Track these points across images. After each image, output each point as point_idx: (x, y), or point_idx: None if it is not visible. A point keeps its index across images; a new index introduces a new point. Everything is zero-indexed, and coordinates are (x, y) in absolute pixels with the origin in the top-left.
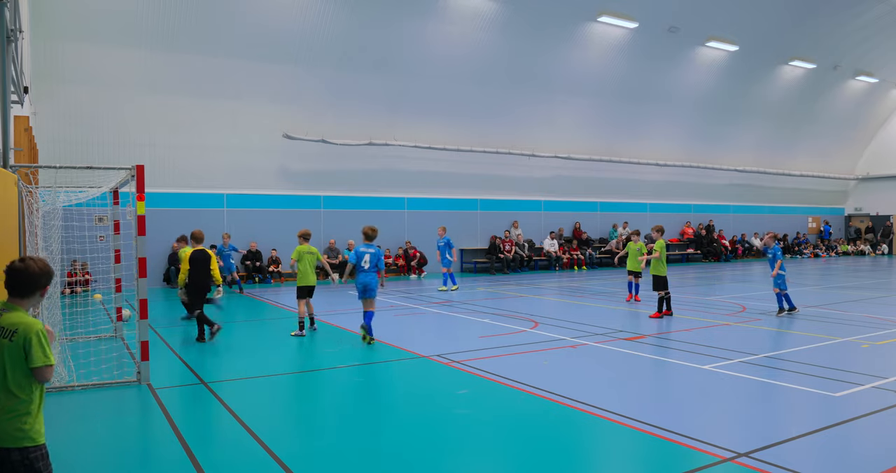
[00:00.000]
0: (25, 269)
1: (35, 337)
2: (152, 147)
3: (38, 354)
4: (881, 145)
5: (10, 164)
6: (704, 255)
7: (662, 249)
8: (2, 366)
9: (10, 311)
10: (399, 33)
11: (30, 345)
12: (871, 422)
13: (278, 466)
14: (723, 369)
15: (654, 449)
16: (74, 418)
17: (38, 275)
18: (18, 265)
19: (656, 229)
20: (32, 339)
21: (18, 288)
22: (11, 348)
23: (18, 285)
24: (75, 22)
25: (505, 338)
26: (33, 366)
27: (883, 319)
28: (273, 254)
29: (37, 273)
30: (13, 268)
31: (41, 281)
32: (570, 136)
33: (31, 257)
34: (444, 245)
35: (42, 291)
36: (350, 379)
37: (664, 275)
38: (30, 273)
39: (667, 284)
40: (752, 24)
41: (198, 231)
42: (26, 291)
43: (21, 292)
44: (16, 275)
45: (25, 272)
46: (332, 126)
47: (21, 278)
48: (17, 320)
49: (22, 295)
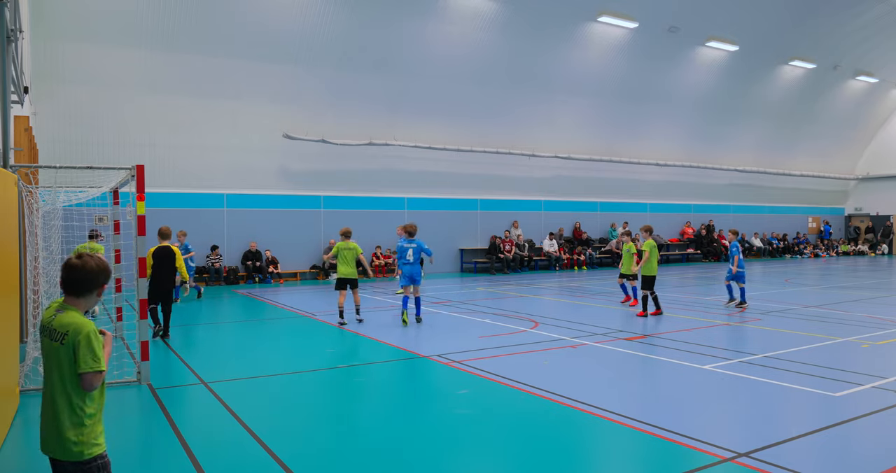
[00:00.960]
0: (82, 266)
1: (84, 339)
2: (152, 147)
3: (86, 358)
4: (881, 145)
5: (10, 164)
6: (704, 255)
7: (652, 249)
8: (56, 371)
9: (64, 312)
10: (399, 33)
11: (78, 348)
12: (871, 422)
13: (278, 466)
14: (723, 369)
15: (654, 449)
16: None
17: (96, 273)
18: (75, 262)
19: (644, 229)
20: (81, 342)
21: (75, 286)
22: (63, 351)
23: (74, 283)
24: (75, 22)
25: (505, 338)
26: (80, 372)
27: (883, 319)
28: (268, 255)
29: (94, 270)
30: (69, 265)
31: (99, 279)
32: (570, 136)
33: (88, 254)
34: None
35: (99, 290)
36: (350, 379)
37: (654, 275)
38: (87, 270)
39: (653, 284)
40: (752, 24)
41: (163, 227)
42: (83, 290)
43: (77, 291)
44: (72, 273)
45: (82, 269)
46: (332, 126)
47: (77, 276)
48: (69, 321)
49: (78, 294)
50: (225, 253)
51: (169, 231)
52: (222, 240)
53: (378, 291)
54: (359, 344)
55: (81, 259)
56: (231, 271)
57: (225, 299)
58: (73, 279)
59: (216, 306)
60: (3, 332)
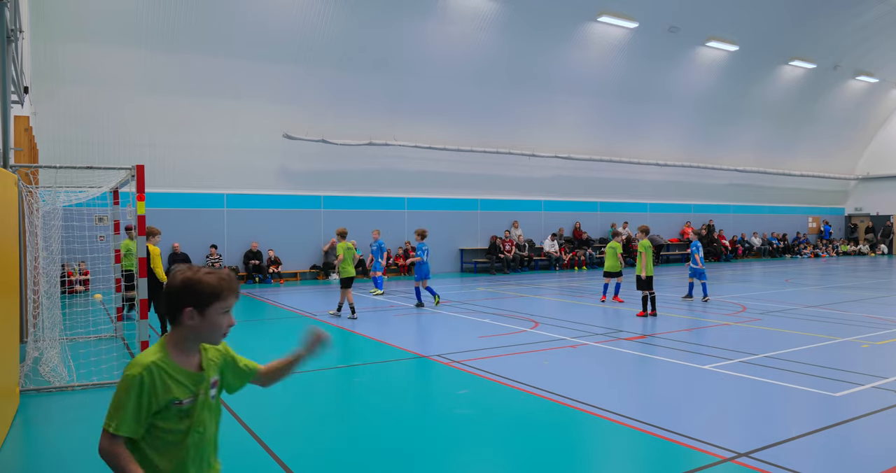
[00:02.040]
0: (168, 283)
1: (121, 382)
2: (152, 147)
3: (109, 409)
4: (881, 145)
5: (10, 164)
6: (704, 255)
7: (648, 250)
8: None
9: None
10: (399, 33)
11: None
12: (871, 422)
13: (278, 466)
14: (723, 369)
15: (654, 449)
16: (74, 418)
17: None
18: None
19: (641, 229)
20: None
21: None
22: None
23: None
24: (75, 22)
25: (505, 338)
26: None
27: (883, 319)
28: (271, 255)
29: (174, 288)
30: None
31: (182, 300)
32: (570, 136)
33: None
34: (377, 249)
35: (184, 314)
36: (350, 379)
37: (650, 276)
38: (168, 288)
39: (651, 284)
40: (752, 24)
41: (148, 227)
42: (169, 315)
43: (168, 316)
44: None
45: (166, 288)
46: (332, 126)
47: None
48: (135, 359)
49: (171, 322)
50: (225, 253)
51: (149, 230)
52: (222, 240)
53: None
54: (359, 344)
55: (173, 271)
56: (231, 271)
57: None
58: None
59: None
60: (3, 332)
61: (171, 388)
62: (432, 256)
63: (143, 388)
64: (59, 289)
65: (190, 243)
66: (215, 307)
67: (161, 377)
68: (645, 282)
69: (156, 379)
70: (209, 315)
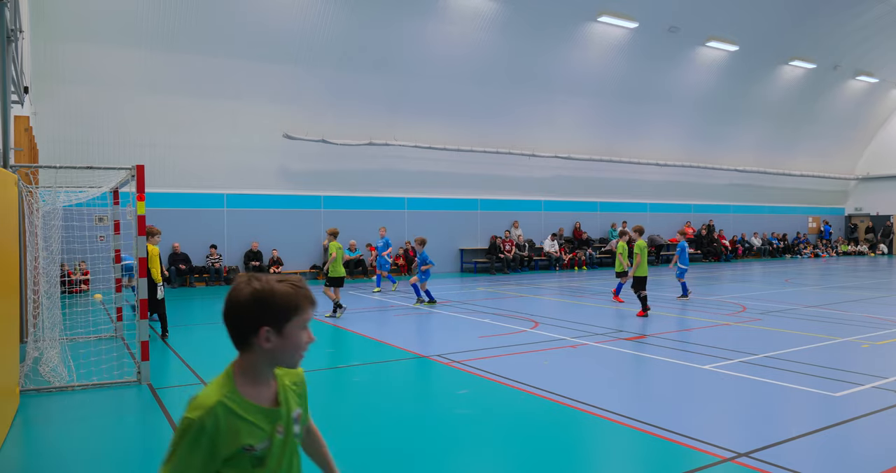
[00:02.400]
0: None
1: (180, 424)
2: (152, 147)
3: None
4: (881, 145)
5: (10, 164)
6: (704, 255)
7: (643, 250)
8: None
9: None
10: (399, 33)
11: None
12: (871, 422)
13: None
14: (723, 369)
15: (654, 449)
16: (74, 418)
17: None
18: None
19: (635, 229)
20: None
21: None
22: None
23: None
24: (75, 22)
25: (505, 338)
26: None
27: (883, 319)
28: (274, 254)
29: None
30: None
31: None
32: (570, 136)
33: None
34: (384, 245)
35: (259, 336)
36: (350, 379)
37: (645, 276)
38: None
39: (644, 284)
40: (752, 24)
41: (149, 226)
42: (236, 338)
43: (232, 341)
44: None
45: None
46: (332, 126)
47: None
48: (197, 394)
49: (237, 348)
50: (225, 253)
51: (149, 230)
52: (222, 240)
53: (378, 291)
54: (359, 344)
55: (234, 284)
56: (231, 271)
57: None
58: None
59: (216, 306)
60: (3, 332)
61: (240, 432)
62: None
63: (204, 436)
64: (60, 289)
65: (190, 243)
66: (294, 322)
67: (228, 420)
68: (639, 282)
69: (221, 424)
70: (288, 332)
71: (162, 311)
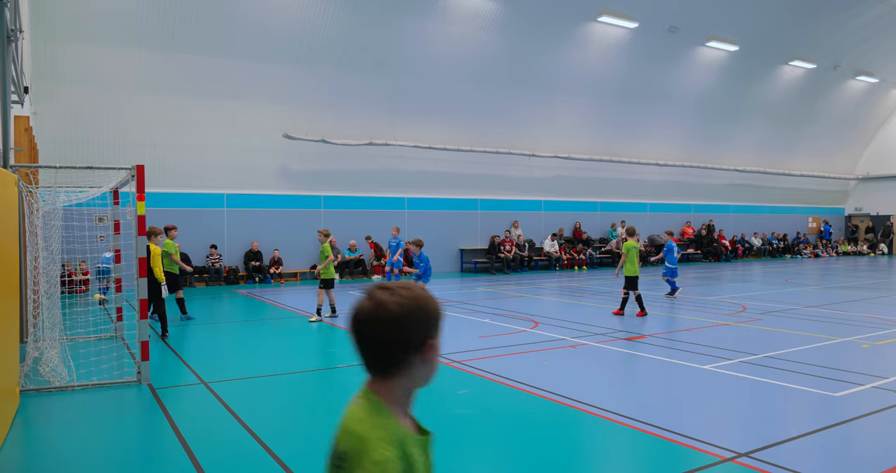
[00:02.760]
0: (377, 317)
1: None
2: (152, 147)
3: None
4: (881, 145)
5: (10, 164)
6: (704, 255)
7: (630, 250)
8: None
9: (355, 405)
10: (399, 33)
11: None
12: (871, 422)
13: (278, 466)
14: (723, 369)
15: (654, 449)
16: (74, 418)
17: (402, 318)
18: (364, 304)
19: (627, 230)
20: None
21: (370, 356)
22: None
23: (368, 351)
24: (75, 22)
25: (505, 338)
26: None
27: (883, 319)
28: (276, 255)
29: (404, 315)
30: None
31: (421, 330)
32: (570, 136)
33: (381, 287)
34: (397, 245)
35: (426, 350)
36: (350, 379)
37: (636, 276)
38: (384, 321)
39: (636, 284)
40: (752, 24)
41: (150, 226)
42: (387, 360)
43: (376, 364)
44: (359, 330)
45: (377, 322)
46: (332, 126)
47: (367, 335)
48: (352, 427)
49: (380, 372)
50: (225, 253)
51: (151, 230)
52: (222, 240)
53: None
54: None
55: (372, 297)
56: (231, 271)
57: (225, 299)
58: (365, 343)
59: (216, 306)
60: (3, 332)
61: (418, 466)
62: (431, 256)
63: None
64: (60, 289)
65: (190, 243)
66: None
67: (410, 452)
68: (630, 282)
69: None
70: (438, 347)
71: (162, 311)
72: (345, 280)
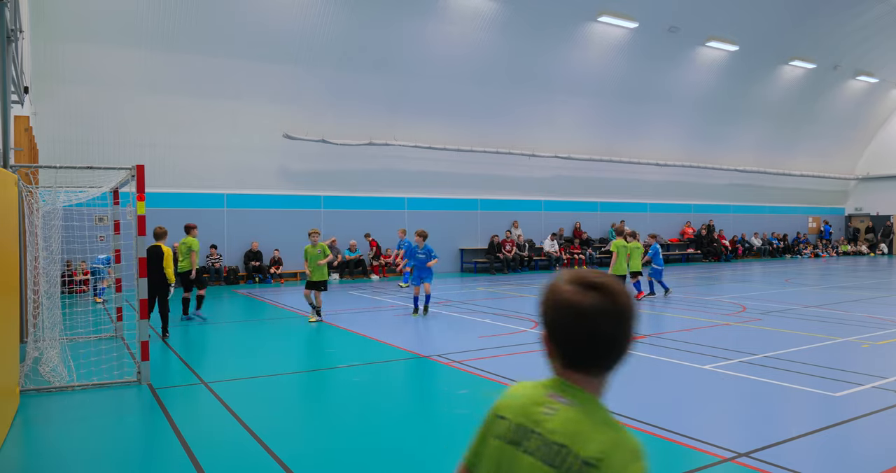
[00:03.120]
0: (623, 307)
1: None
2: (152, 147)
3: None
4: (881, 145)
5: (10, 164)
6: (704, 255)
7: (619, 249)
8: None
9: (571, 405)
10: (399, 33)
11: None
12: (871, 422)
13: (278, 466)
14: (723, 369)
15: (654, 449)
16: (74, 418)
17: (635, 309)
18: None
19: (617, 230)
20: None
21: (602, 351)
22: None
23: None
24: (75, 22)
25: (505, 338)
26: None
27: (883, 319)
28: (276, 255)
29: (633, 305)
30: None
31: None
32: (570, 136)
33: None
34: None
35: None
36: (350, 379)
37: (623, 275)
38: (627, 312)
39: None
40: (752, 24)
41: (157, 227)
42: (610, 358)
43: (603, 360)
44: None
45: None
46: (332, 126)
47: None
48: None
49: (603, 368)
50: (225, 253)
51: (161, 231)
52: (222, 240)
53: (378, 291)
54: (359, 344)
55: (601, 289)
56: (231, 271)
57: (225, 299)
58: (598, 333)
59: (216, 306)
60: (3, 332)
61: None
62: None
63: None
64: (59, 289)
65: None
66: None
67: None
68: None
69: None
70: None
71: (166, 311)
72: (345, 280)
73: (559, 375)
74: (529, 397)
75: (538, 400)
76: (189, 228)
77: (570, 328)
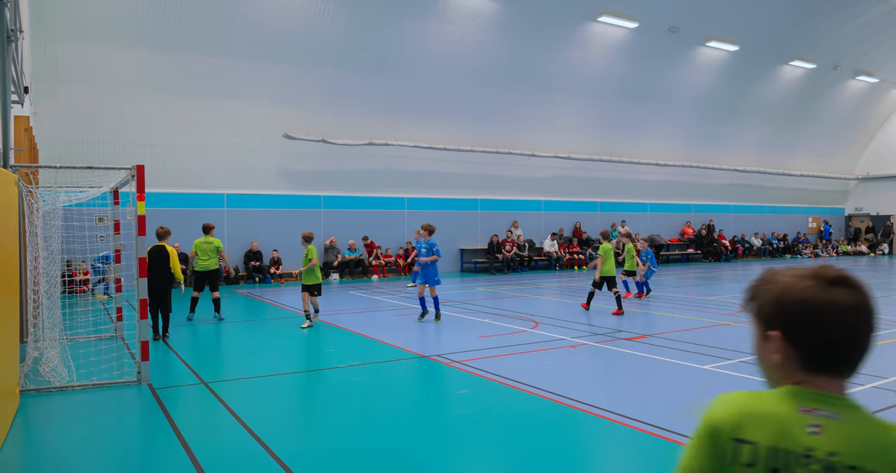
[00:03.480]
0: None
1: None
2: (152, 147)
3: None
4: (881, 145)
5: (10, 164)
6: (704, 255)
7: (606, 252)
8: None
9: (834, 415)
10: (399, 33)
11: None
12: None
13: (278, 466)
14: (723, 369)
15: (654, 449)
16: (74, 418)
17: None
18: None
19: (602, 233)
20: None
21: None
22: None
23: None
24: (75, 22)
25: (505, 338)
26: None
27: (883, 319)
28: (275, 255)
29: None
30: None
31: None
32: (570, 136)
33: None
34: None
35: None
36: (350, 379)
37: (612, 276)
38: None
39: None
40: (752, 24)
41: (160, 227)
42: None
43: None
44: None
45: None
46: (332, 126)
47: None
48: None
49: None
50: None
51: (162, 230)
52: (222, 240)
53: (378, 291)
54: (359, 344)
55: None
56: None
57: (225, 299)
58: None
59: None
60: (3, 332)
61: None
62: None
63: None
64: (60, 289)
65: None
66: None
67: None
68: (610, 281)
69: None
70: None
71: (167, 311)
72: (344, 280)
73: (797, 384)
74: (776, 414)
75: (791, 418)
76: (208, 228)
77: (823, 328)
